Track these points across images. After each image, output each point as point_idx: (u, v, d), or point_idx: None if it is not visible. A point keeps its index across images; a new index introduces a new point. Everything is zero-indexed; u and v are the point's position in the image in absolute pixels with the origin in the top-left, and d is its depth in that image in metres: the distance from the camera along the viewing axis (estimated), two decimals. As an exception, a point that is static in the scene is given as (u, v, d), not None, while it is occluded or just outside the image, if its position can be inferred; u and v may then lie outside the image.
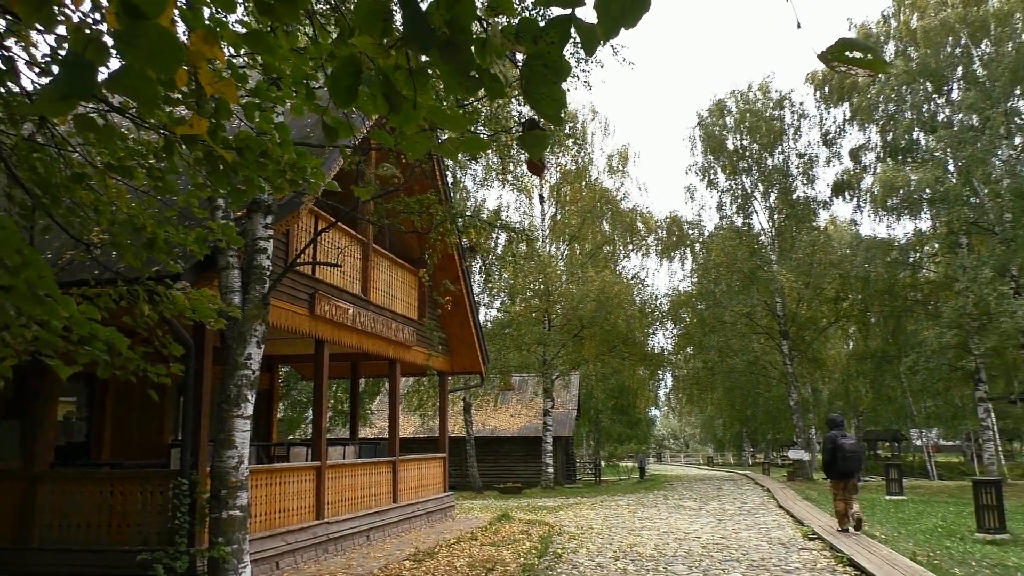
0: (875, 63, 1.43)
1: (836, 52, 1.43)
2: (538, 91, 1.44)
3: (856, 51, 1.42)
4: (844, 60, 1.44)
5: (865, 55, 1.42)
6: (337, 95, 1.79)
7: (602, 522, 15.48)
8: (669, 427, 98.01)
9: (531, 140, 1.71)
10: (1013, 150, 26.92)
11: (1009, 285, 24.89)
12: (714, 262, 35.07)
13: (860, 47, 1.43)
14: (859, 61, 1.43)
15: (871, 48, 1.43)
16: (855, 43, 1.42)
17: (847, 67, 1.46)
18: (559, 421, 33.26)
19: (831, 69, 1.48)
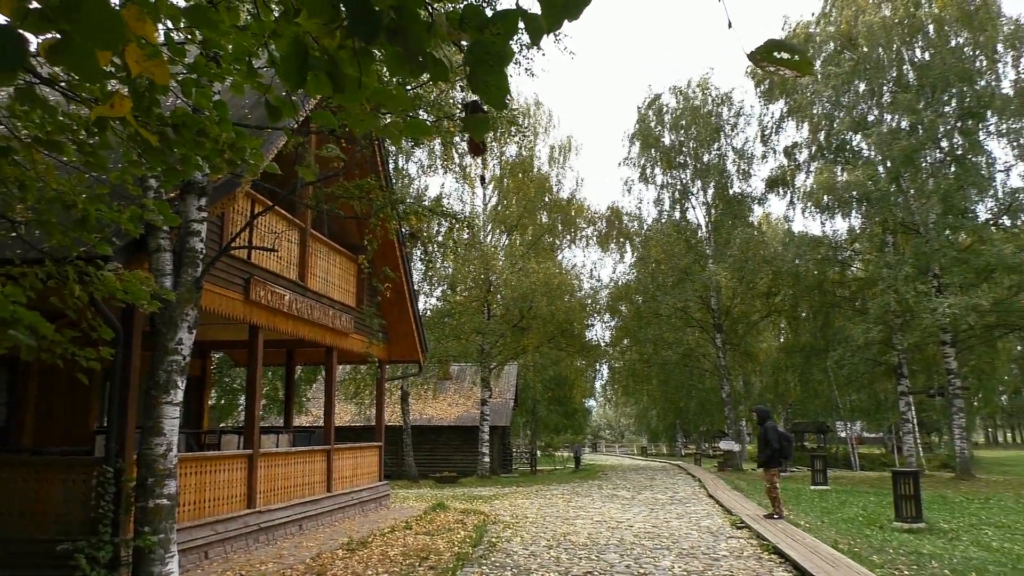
0: (801, 64, 1.47)
1: (765, 52, 1.46)
2: (483, 78, 1.44)
3: (784, 52, 1.45)
4: (772, 60, 1.47)
5: (792, 56, 1.46)
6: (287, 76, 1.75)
7: (537, 511, 15.60)
8: (605, 418, 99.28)
9: (473, 123, 1.71)
10: (940, 152, 27.95)
11: (930, 284, 25.88)
12: (652, 256, 35.54)
13: (788, 48, 1.46)
14: (786, 62, 1.46)
15: (798, 50, 1.47)
16: (783, 44, 1.45)
17: (775, 67, 1.48)
18: (496, 411, 33.37)
19: (760, 68, 1.51)
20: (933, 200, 26.25)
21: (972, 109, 27.08)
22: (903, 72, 29.05)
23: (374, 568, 8.76)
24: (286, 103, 2.42)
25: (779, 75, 1.54)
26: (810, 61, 1.48)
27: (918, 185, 27.22)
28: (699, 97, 36.56)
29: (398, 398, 30.87)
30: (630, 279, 38.23)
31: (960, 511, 15.71)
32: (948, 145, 28.05)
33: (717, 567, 8.72)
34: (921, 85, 27.33)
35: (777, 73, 1.51)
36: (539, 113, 35.97)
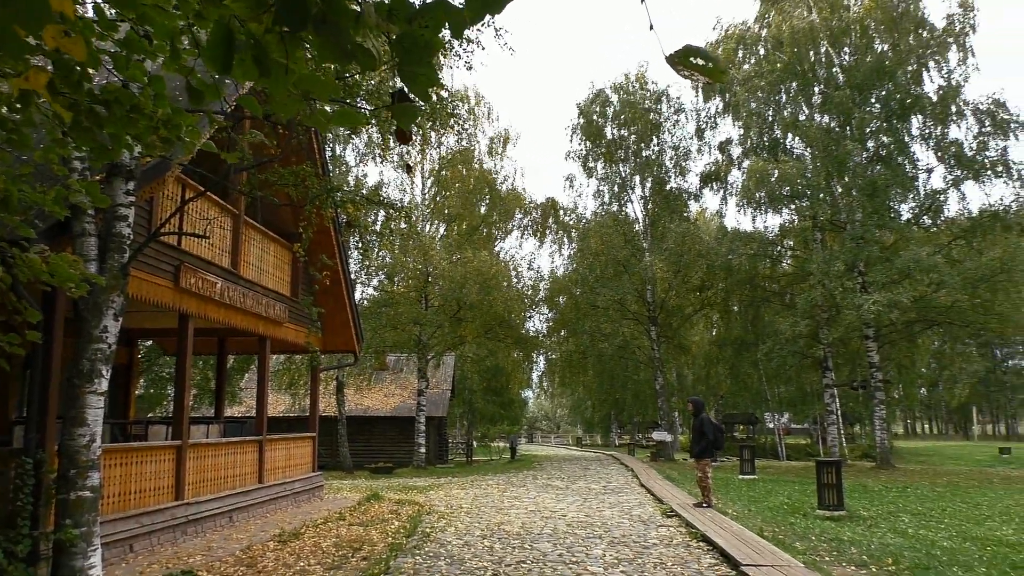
0: (715, 72, 1.51)
1: (682, 57, 1.50)
2: (411, 68, 1.44)
3: (700, 58, 1.49)
4: (688, 65, 1.51)
5: (707, 63, 1.50)
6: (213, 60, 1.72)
7: (472, 501, 15.65)
8: (541, 408, 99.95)
9: (401, 112, 1.70)
10: (867, 152, 28.86)
11: (856, 280, 26.76)
12: (590, 249, 35.84)
13: (703, 55, 1.50)
14: (701, 68, 1.50)
15: (713, 57, 1.51)
16: (699, 51, 1.49)
17: (691, 72, 1.52)
18: (433, 401, 33.30)
19: (677, 72, 1.55)
20: (860, 198, 27.15)
21: (897, 112, 28.05)
22: (832, 74, 29.86)
23: (306, 559, 8.67)
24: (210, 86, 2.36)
25: (695, 79, 1.58)
26: (722, 69, 1.52)
27: (846, 184, 28.06)
28: (638, 92, 36.94)
29: (334, 388, 30.56)
30: (568, 271, 38.49)
31: (879, 499, 16.34)
32: (875, 145, 28.99)
33: (647, 555, 8.89)
34: (849, 87, 28.13)
35: (693, 78, 1.55)
36: (479, 105, 35.88)
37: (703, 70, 1.51)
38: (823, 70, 30.34)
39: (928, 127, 28.63)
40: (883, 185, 26.91)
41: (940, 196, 28.64)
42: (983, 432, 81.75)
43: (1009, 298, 26.41)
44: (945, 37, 28.60)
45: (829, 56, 29.94)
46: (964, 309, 25.55)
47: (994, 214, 27.08)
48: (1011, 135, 27.05)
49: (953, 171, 27.92)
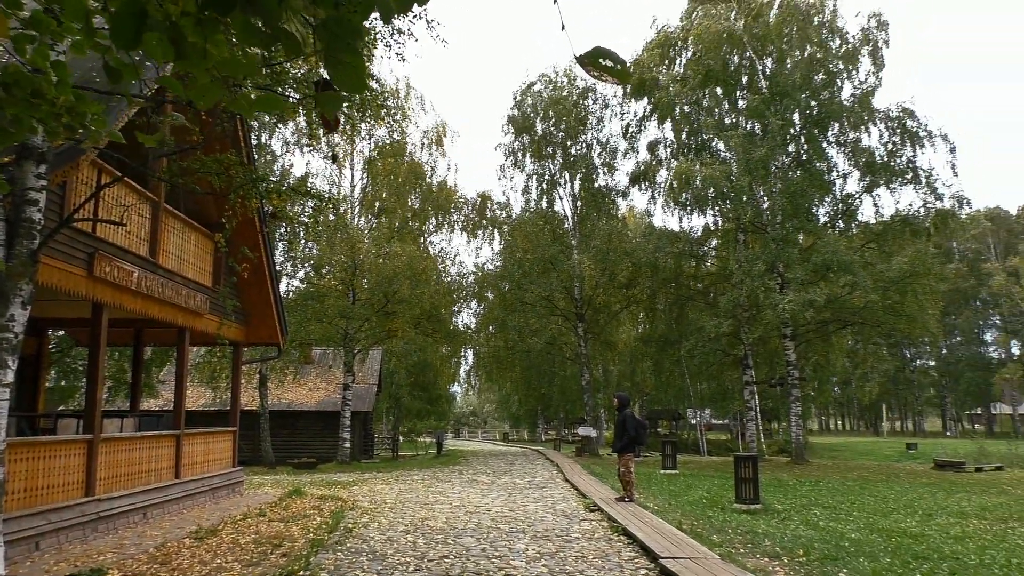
0: (622, 73, 1.54)
1: (592, 58, 1.52)
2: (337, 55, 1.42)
3: (608, 60, 1.53)
4: (597, 66, 1.54)
5: (615, 65, 1.53)
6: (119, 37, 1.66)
7: (396, 497, 15.56)
8: (469, 404, 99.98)
9: (326, 99, 1.68)
10: (787, 156, 29.77)
11: (776, 280, 27.60)
12: (519, 245, 35.97)
13: (611, 57, 1.53)
14: (609, 69, 1.53)
15: (620, 59, 1.54)
16: (608, 53, 1.52)
17: (599, 73, 1.55)
18: (359, 396, 32.94)
19: (587, 72, 1.58)
20: (781, 201, 28.00)
21: (815, 118, 29.03)
22: (755, 80, 30.67)
23: (223, 556, 8.48)
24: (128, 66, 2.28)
25: (604, 80, 1.61)
26: (629, 72, 1.56)
27: (768, 187, 28.90)
28: (567, 88, 37.13)
29: (257, 382, 29.93)
30: (497, 266, 38.54)
31: (793, 493, 16.90)
32: (795, 150, 29.92)
33: (569, 548, 9.00)
34: (771, 93, 28.95)
35: (602, 78, 1.58)
36: (411, 97, 35.57)
37: (611, 71, 1.54)
38: (746, 76, 31.15)
39: (844, 134, 29.69)
40: (802, 189, 27.82)
41: (854, 201, 29.80)
42: (892, 428, 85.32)
43: (917, 300, 27.64)
44: (859, 47, 29.68)
45: (752, 62, 30.74)
46: (876, 310, 26.62)
47: (904, 219, 28.31)
48: (920, 144, 28.28)
49: (866, 177, 29.06)
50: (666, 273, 32.21)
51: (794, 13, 29.48)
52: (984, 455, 32.18)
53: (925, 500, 15.80)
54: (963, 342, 74.50)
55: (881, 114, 28.86)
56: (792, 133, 29.38)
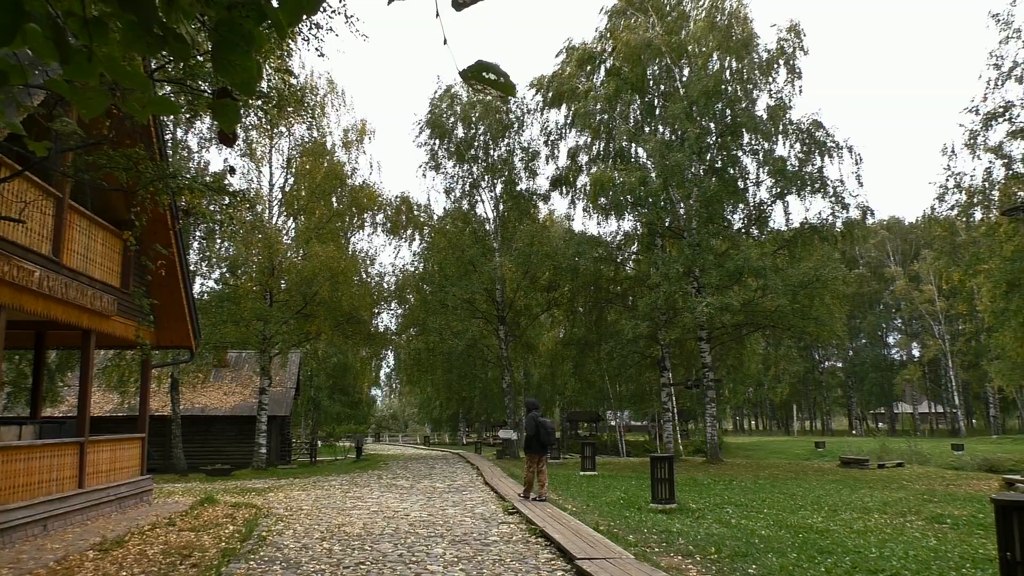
0: (506, 87, 1.55)
1: (475, 72, 1.53)
2: (228, 58, 1.37)
3: (491, 73, 1.53)
4: (481, 80, 1.54)
5: (498, 78, 1.54)
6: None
7: (313, 503, 15.28)
8: (389, 407, 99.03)
9: (222, 109, 1.61)
10: (704, 164, 30.55)
11: (692, 285, 28.29)
12: (441, 246, 35.82)
13: (494, 71, 1.54)
14: (493, 83, 1.54)
15: (503, 73, 1.55)
16: (491, 66, 1.53)
17: (483, 87, 1.56)
18: (276, 400, 32.25)
19: (470, 86, 1.58)
20: (696, 208, 28.73)
21: (730, 127, 29.90)
22: (674, 88, 31.36)
23: (129, 569, 8.16)
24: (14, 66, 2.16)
25: (488, 94, 1.62)
26: (512, 85, 1.57)
27: (684, 193, 29.60)
28: (486, 90, 37.13)
29: (168, 387, 28.96)
30: (418, 268, 38.29)
31: (708, 492, 17.33)
32: (711, 158, 30.74)
33: (487, 552, 9.00)
34: (688, 102, 29.66)
35: (486, 92, 1.59)
36: (332, 93, 34.94)
37: (495, 84, 1.54)
38: (664, 84, 31.82)
39: (757, 142, 30.66)
40: (717, 196, 28.60)
41: (767, 208, 30.81)
42: (802, 427, 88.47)
43: (824, 304, 28.76)
44: (775, 58, 30.69)
45: (670, 71, 31.42)
46: (786, 313, 27.56)
47: (813, 227, 29.42)
48: (828, 154, 29.45)
49: (777, 185, 30.08)
50: (586, 276, 32.63)
51: (713, 24, 30.23)
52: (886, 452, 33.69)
53: (831, 496, 16.43)
54: (867, 344, 77.92)
55: (793, 125, 29.92)
56: (708, 141, 30.16)
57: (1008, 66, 25.17)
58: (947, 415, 70.48)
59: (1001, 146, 25.42)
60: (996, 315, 27.14)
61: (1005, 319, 26.34)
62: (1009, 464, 31.14)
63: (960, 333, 64.61)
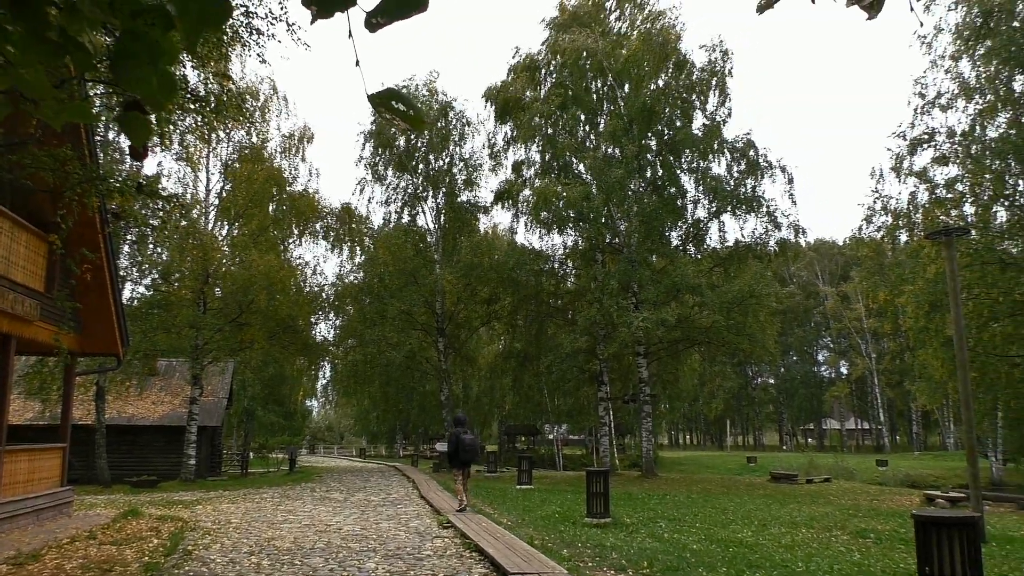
0: (414, 119, 1.53)
1: (384, 99, 1.50)
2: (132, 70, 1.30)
3: (401, 103, 1.51)
4: (390, 109, 1.51)
5: (408, 109, 1.51)
6: None
7: (243, 516, 14.91)
8: (325, 419, 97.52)
9: (131, 122, 1.53)
10: (644, 181, 31.02)
11: (631, 300, 28.64)
12: (380, 257, 35.44)
13: (404, 101, 1.51)
14: (402, 113, 1.51)
15: (412, 104, 1.52)
16: (400, 96, 1.51)
17: (391, 116, 1.54)
18: (207, 410, 31.42)
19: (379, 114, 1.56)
20: (636, 224, 29.14)
21: (668, 145, 30.45)
22: (618, 105, 31.80)
23: (43, 584, 7.83)
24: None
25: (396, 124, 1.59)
26: (421, 117, 1.55)
27: (624, 210, 29.99)
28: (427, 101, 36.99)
29: (93, 395, 27.97)
30: (358, 278, 37.81)
31: (642, 506, 17.49)
32: (651, 175, 31.23)
33: (420, 567, 8.90)
34: (629, 119, 30.10)
35: (395, 122, 1.56)
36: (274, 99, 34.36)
37: (404, 116, 1.51)
38: (606, 102, 32.24)
39: (695, 161, 31.26)
40: (656, 213, 29.06)
41: (704, 226, 31.43)
42: (735, 443, 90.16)
43: (757, 321, 29.41)
44: (707, 78, 31.33)
45: (612, 88, 31.86)
46: (721, 330, 28.09)
47: (747, 245, 30.12)
48: (761, 174, 30.22)
49: (713, 204, 30.72)
50: (527, 290, 32.72)
51: (651, 43, 30.67)
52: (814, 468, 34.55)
53: (761, 511, 16.75)
54: (798, 362, 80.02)
55: (728, 144, 30.62)
56: (648, 159, 30.66)
57: (932, 94, 26.26)
58: (872, 431, 72.67)
59: (926, 171, 26.46)
60: (919, 334, 28.14)
61: (927, 338, 27.31)
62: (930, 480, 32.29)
63: (886, 352, 66.88)
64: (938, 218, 25.16)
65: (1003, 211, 25.88)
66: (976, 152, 25.11)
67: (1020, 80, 23.79)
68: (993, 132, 25.02)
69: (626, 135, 29.50)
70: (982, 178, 25.04)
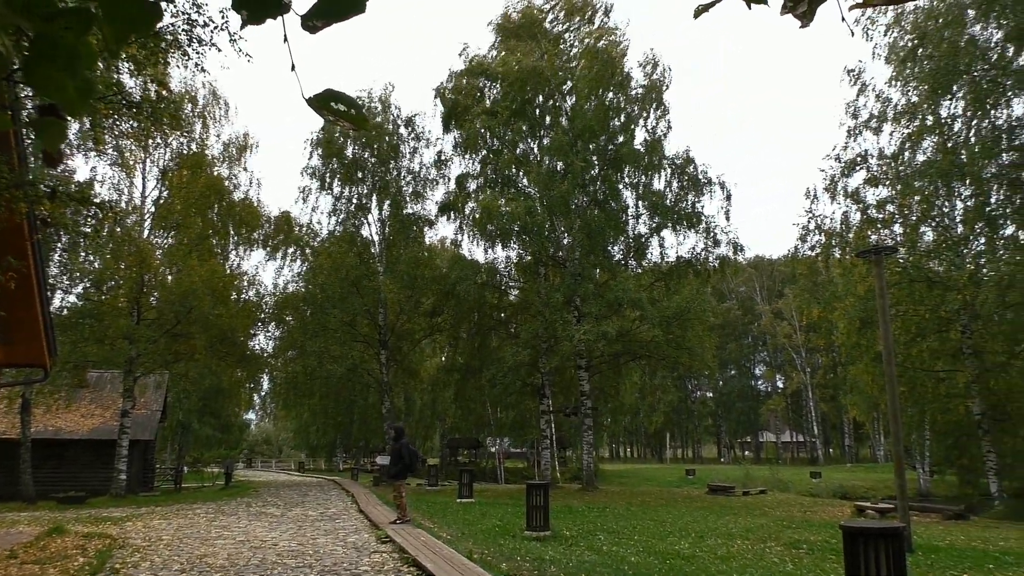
0: (357, 119, 1.51)
1: (323, 101, 1.48)
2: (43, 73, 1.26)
3: (342, 104, 1.49)
4: (330, 110, 1.49)
5: (349, 109, 1.50)
6: None
7: (175, 532, 14.51)
8: (263, 432, 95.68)
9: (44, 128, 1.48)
10: (587, 196, 31.32)
11: (573, 314, 28.87)
12: (322, 266, 35.00)
13: (345, 101, 1.49)
14: (344, 114, 1.50)
15: (355, 104, 1.50)
16: (341, 96, 1.49)
17: (333, 117, 1.51)
18: (140, 423, 30.54)
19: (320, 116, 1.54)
20: (579, 238, 29.43)
21: (611, 160, 30.86)
22: (559, 120, 32.07)
23: (-41, 606, 7.51)
24: None
25: (339, 125, 1.58)
26: (364, 117, 1.53)
27: (567, 223, 30.26)
28: (381, 114, 36.89)
29: (18, 407, 26.96)
30: (299, 287, 37.20)
31: (582, 519, 17.57)
32: (593, 190, 31.56)
33: (357, 582, 8.79)
34: (573, 133, 30.42)
35: (338, 123, 1.54)
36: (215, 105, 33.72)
37: (346, 116, 1.50)
38: (550, 115, 32.51)
39: (636, 176, 31.73)
40: (599, 227, 29.39)
41: (645, 241, 31.91)
42: (674, 455, 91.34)
43: (696, 335, 29.93)
44: (647, 94, 31.87)
45: (556, 102, 32.15)
46: (661, 344, 28.49)
47: (688, 261, 30.68)
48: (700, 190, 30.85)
49: (655, 219, 31.22)
50: (470, 302, 32.67)
51: (594, 58, 30.99)
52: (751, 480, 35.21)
53: (698, 523, 17.00)
54: (736, 376, 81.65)
55: (669, 159, 31.18)
56: (592, 174, 31.00)
57: (864, 117, 27.25)
58: (807, 444, 74.43)
59: (858, 192, 27.41)
60: (851, 350, 29.04)
61: (859, 354, 28.22)
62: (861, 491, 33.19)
63: (820, 366, 68.71)
64: (869, 237, 26.04)
65: (930, 231, 26.93)
66: (905, 174, 26.09)
67: (946, 106, 24.83)
68: (921, 156, 26.04)
69: (571, 149, 29.78)
70: (910, 200, 26.00)
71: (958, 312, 24.69)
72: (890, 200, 26.79)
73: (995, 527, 19.24)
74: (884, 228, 27.12)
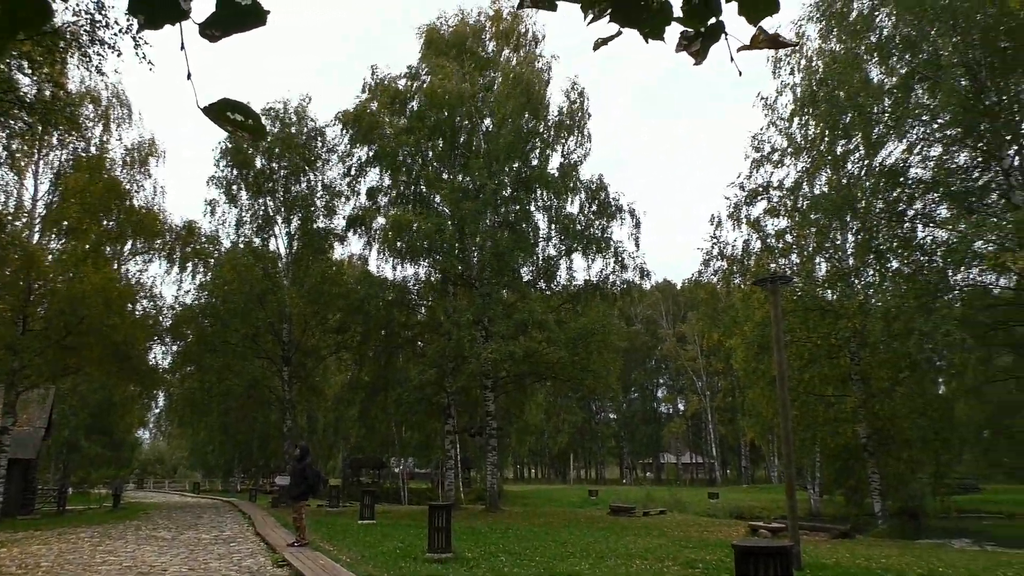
0: (253, 128, 1.50)
1: (219, 110, 1.47)
2: None
3: (239, 114, 1.49)
4: (227, 120, 1.49)
5: (247, 119, 1.49)
6: None
7: (55, 558, 13.73)
8: (157, 451, 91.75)
9: None
10: (498, 216, 31.51)
11: (481, 333, 28.94)
12: (225, 279, 33.84)
13: (241, 110, 1.49)
14: (241, 123, 1.49)
15: (252, 114, 1.50)
16: (238, 106, 1.49)
17: (230, 127, 1.51)
18: (21, 441, 28.78)
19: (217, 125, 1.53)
20: (488, 258, 29.59)
21: (525, 182, 31.21)
22: (476, 140, 32.23)
23: None
24: None
25: (237, 135, 1.57)
26: (263, 127, 1.53)
27: (478, 243, 30.37)
28: (295, 125, 36.21)
29: None
30: (200, 301, 35.81)
31: (484, 540, 17.51)
32: (505, 211, 31.80)
33: (250, 608, 8.52)
34: (488, 154, 30.63)
35: (236, 134, 1.54)
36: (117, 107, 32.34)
37: (242, 126, 1.49)
38: (466, 135, 32.62)
39: (549, 200, 32.15)
40: (509, 248, 29.60)
41: (554, 263, 32.34)
42: (578, 476, 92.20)
43: (601, 358, 30.41)
44: (566, 118, 32.46)
45: (473, 122, 32.30)
46: (566, 365, 28.81)
47: (595, 285, 31.24)
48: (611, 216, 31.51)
49: (565, 242, 31.69)
50: (378, 320, 32.24)
51: (517, 81, 31.29)
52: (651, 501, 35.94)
53: (599, 543, 17.19)
54: (639, 398, 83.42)
55: (583, 184, 31.75)
56: (504, 195, 31.24)
57: (767, 150, 28.44)
58: (706, 465, 76.48)
59: (759, 220, 28.53)
60: (748, 374, 30.10)
61: (756, 378, 29.28)
62: (756, 511, 34.33)
63: (719, 390, 70.91)
64: (768, 265, 27.11)
65: (824, 262, 28.26)
66: (802, 207, 27.31)
67: (841, 144, 26.16)
68: (817, 189, 27.34)
69: (485, 170, 29.96)
70: (807, 231, 27.23)
71: (848, 340, 25.92)
72: (788, 230, 28.01)
73: (878, 545, 20.18)
74: (782, 257, 28.32)
